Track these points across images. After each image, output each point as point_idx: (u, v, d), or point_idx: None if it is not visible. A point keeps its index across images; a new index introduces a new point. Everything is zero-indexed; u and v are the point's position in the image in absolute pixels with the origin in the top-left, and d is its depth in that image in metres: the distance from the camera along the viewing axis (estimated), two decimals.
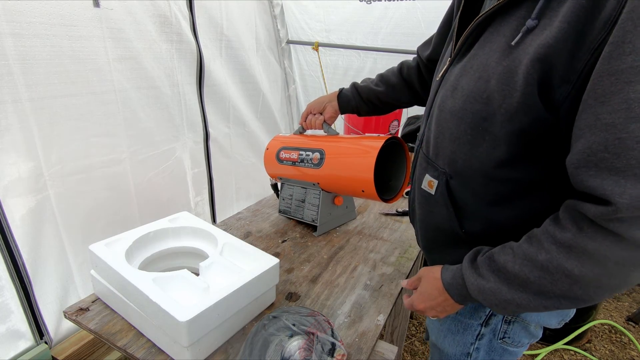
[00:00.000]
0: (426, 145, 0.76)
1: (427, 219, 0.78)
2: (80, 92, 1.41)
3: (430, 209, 0.75)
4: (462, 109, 0.62)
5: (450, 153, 0.67)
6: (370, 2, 2.49)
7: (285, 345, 0.67)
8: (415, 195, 0.82)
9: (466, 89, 0.62)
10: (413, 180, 0.84)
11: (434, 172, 0.72)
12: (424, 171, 0.75)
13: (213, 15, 1.99)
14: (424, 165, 0.76)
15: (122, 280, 0.75)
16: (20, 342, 1.36)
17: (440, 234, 0.75)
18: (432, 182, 0.72)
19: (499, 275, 0.57)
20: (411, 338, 1.98)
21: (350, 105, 1.17)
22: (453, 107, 0.65)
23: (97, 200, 1.53)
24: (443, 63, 0.76)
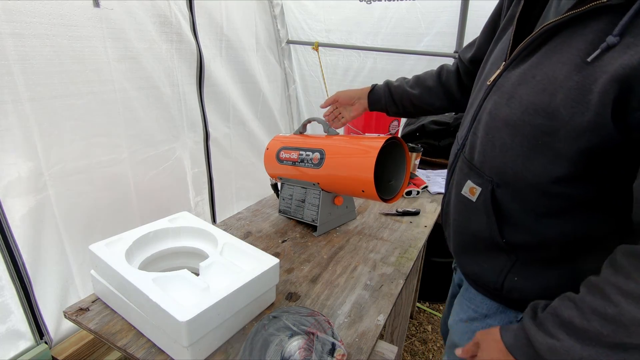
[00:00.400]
0: (470, 150, 0.74)
1: (464, 225, 0.77)
2: (80, 92, 1.41)
3: (468, 215, 0.74)
4: (520, 120, 0.60)
5: (501, 163, 0.65)
6: (370, 2, 2.49)
7: (285, 345, 0.67)
8: (452, 200, 0.80)
9: (525, 100, 0.59)
10: (449, 184, 0.83)
11: (477, 179, 0.70)
12: (466, 177, 0.73)
13: (213, 15, 1.99)
14: (466, 171, 0.74)
15: (122, 280, 0.75)
16: (20, 342, 1.36)
17: (476, 241, 0.74)
18: (475, 189, 0.70)
19: (569, 331, 0.53)
20: (411, 338, 1.98)
21: (380, 103, 1.15)
22: (508, 116, 0.62)
23: (97, 200, 1.53)
24: (493, 66, 0.73)
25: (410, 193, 1.57)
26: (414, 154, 1.70)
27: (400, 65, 2.59)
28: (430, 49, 2.44)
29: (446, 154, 1.96)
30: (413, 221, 1.36)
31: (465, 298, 0.85)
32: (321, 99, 2.92)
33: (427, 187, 1.65)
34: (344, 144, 1.16)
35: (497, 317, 0.77)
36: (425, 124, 2.04)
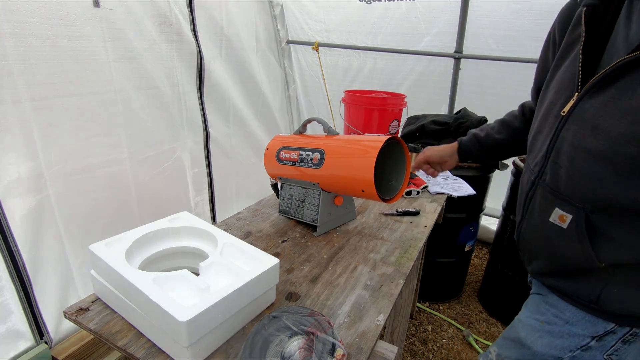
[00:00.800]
0: (552, 179, 0.75)
1: (553, 251, 0.79)
2: (80, 92, 1.42)
3: (558, 241, 0.76)
4: (611, 151, 0.62)
5: (593, 191, 0.67)
6: (370, 2, 2.49)
7: (285, 345, 0.67)
8: (533, 226, 0.82)
9: (615, 131, 0.61)
10: (526, 210, 0.84)
11: (567, 206, 0.72)
12: (551, 205, 0.75)
13: (213, 15, 1.99)
14: (550, 199, 0.75)
15: (122, 280, 0.75)
16: (20, 342, 1.36)
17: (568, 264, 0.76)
18: (565, 216, 0.72)
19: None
20: (411, 338, 1.98)
21: (471, 155, 1.18)
22: (596, 147, 0.64)
23: (97, 200, 1.53)
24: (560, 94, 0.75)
25: (410, 193, 1.57)
26: (414, 154, 1.70)
27: (400, 65, 2.59)
28: (430, 49, 2.44)
29: None
30: (413, 221, 1.36)
31: (546, 302, 0.85)
32: (321, 99, 2.93)
33: (427, 187, 1.65)
34: (344, 144, 1.16)
35: (582, 325, 0.77)
36: (425, 124, 2.04)
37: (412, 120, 2.18)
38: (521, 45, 2.16)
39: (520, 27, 2.13)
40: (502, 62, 2.26)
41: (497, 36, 2.23)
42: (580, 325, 0.77)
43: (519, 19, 2.12)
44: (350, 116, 2.17)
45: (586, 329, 0.76)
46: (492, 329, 2.06)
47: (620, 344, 0.74)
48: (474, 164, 1.93)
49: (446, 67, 2.45)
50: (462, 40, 2.33)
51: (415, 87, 2.58)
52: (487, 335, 2.00)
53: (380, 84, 2.68)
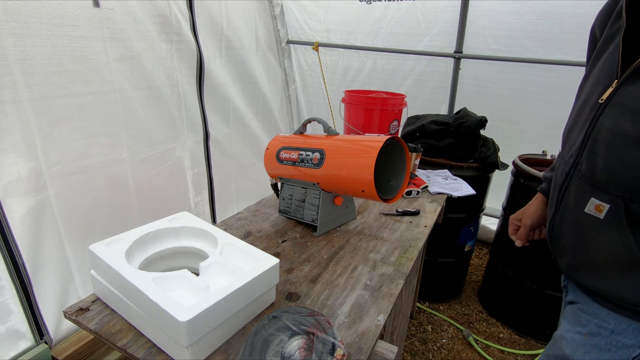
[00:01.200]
0: (589, 168, 0.74)
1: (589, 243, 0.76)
2: (80, 92, 1.42)
3: (595, 233, 0.73)
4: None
5: (633, 177, 0.66)
6: (370, 2, 2.49)
7: (285, 345, 0.67)
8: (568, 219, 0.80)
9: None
10: (560, 204, 0.82)
11: (604, 196, 0.70)
12: (588, 195, 0.73)
13: (213, 15, 1.99)
14: (587, 189, 0.74)
15: (122, 280, 0.75)
16: (20, 342, 1.36)
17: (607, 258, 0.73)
18: (602, 206, 0.70)
19: None
20: (411, 338, 1.98)
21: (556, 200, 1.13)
22: (637, 133, 0.64)
23: (97, 200, 1.53)
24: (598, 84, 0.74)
25: (410, 193, 1.57)
26: (414, 154, 1.70)
27: (400, 65, 2.59)
28: (430, 49, 2.44)
29: (446, 154, 1.98)
30: (413, 221, 1.36)
31: (585, 312, 0.81)
32: (321, 99, 2.94)
33: (427, 187, 1.65)
34: (344, 144, 1.16)
35: (629, 334, 0.73)
36: (425, 124, 2.04)
37: (412, 120, 2.18)
38: (521, 45, 2.16)
39: (520, 27, 2.13)
40: (502, 62, 2.26)
41: (497, 36, 2.23)
42: (628, 334, 0.73)
43: (519, 19, 2.12)
44: (350, 116, 2.17)
45: (635, 338, 0.72)
46: (492, 329, 2.06)
47: None
48: (475, 164, 1.93)
49: (446, 67, 2.45)
50: (462, 40, 2.33)
51: (415, 87, 2.58)
52: (487, 335, 2.00)
53: (380, 84, 2.68)
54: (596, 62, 0.78)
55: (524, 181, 1.84)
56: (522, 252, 1.92)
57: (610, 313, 0.76)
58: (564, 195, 0.80)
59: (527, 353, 1.88)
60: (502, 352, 1.89)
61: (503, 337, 2.00)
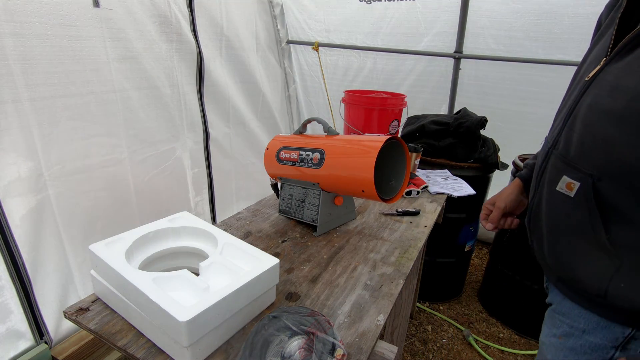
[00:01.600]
0: (565, 146, 0.73)
1: (561, 224, 0.74)
2: (80, 92, 1.42)
3: (567, 212, 0.71)
4: (626, 109, 0.60)
5: (604, 154, 0.64)
6: (370, 2, 2.49)
7: (285, 345, 0.67)
8: (544, 198, 0.78)
9: (632, 88, 0.59)
10: (539, 183, 0.80)
11: (575, 174, 0.68)
12: (561, 173, 0.72)
13: (213, 15, 1.99)
14: (560, 167, 0.72)
15: (122, 280, 0.75)
16: (20, 342, 1.36)
17: (576, 239, 0.71)
18: (573, 183, 0.68)
19: None
20: (411, 338, 1.98)
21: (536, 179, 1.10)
22: (612, 107, 0.62)
23: (97, 200, 1.53)
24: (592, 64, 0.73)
25: (410, 193, 1.57)
26: (414, 154, 1.70)
27: (400, 65, 2.59)
28: (430, 49, 2.44)
29: (446, 154, 1.98)
30: (413, 221, 1.36)
31: (558, 312, 0.80)
32: (321, 99, 2.93)
33: (427, 187, 1.65)
34: (344, 144, 1.16)
35: (599, 333, 0.71)
36: (425, 124, 2.04)
37: (412, 120, 2.18)
38: (521, 45, 2.16)
39: (520, 27, 2.13)
40: (502, 62, 2.26)
41: (497, 36, 2.23)
42: (597, 333, 0.71)
43: (519, 19, 2.12)
44: (350, 116, 2.17)
45: (605, 338, 0.70)
46: (492, 329, 2.06)
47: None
48: (475, 164, 1.93)
49: (446, 67, 2.45)
50: (462, 40, 2.33)
51: (415, 87, 2.58)
52: (487, 335, 2.00)
53: (380, 84, 2.68)
54: (595, 45, 0.77)
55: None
56: (522, 252, 1.92)
57: (581, 311, 0.74)
58: (542, 175, 0.79)
59: (527, 353, 1.88)
60: (502, 352, 1.89)
61: (503, 337, 2.00)
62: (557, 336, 0.79)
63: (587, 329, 0.73)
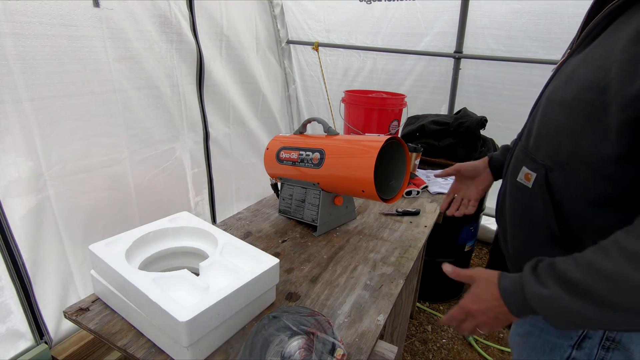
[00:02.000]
0: (526, 137, 0.73)
1: (521, 214, 0.74)
2: (80, 92, 1.41)
3: (525, 202, 0.71)
4: (574, 99, 0.60)
5: (555, 144, 0.64)
6: (370, 2, 2.49)
7: (285, 345, 0.67)
8: (508, 189, 0.78)
9: (582, 78, 0.59)
10: (505, 175, 0.80)
11: (532, 164, 0.69)
12: (521, 163, 0.72)
13: (213, 15, 1.99)
14: (521, 158, 0.73)
15: (122, 280, 0.75)
16: (20, 342, 1.36)
17: (533, 231, 0.70)
18: (530, 174, 0.68)
19: (560, 282, 0.53)
20: (411, 338, 1.98)
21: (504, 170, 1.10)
22: (564, 97, 0.62)
23: (97, 200, 1.53)
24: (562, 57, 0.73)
25: (410, 193, 1.57)
26: (414, 154, 1.70)
27: (400, 65, 2.59)
28: (430, 49, 2.44)
29: (446, 154, 1.98)
30: (413, 221, 1.36)
31: None
32: (321, 99, 2.93)
33: (427, 187, 1.65)
34: (344, 144, 1.16)
35: (555, 331, 0.70)
36: (425, 124, 2.04)
37: (412, 120, 2.18)
38: (521, 45, 2.16)
39: (520, 27, 2.13)
40: (502, 62, 2.26)
41: (497, 36, 2.23)
42: (554, 332, 0.71)
43: (519, 19, 2.12)
44: (350, 116, 2.17)
45: (561, 337, 0.70)
46: None
47: (602, 351, 0.66)
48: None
49: (446, 67, 2.45)
50: (462, 40, 2.33)
51: (415, 87, 2.58)
52: (487, 336, 2.00)
53: (380, 84, 2.68)
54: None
55: None
56: None
57: None
58: (507, 166, 0.79)
59: None
60: (502, 352, 1.89)
61: (503, 337, 2.00)
62: (521, 335, 0.79)
63: (545, 328, 0.72)
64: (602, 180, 0.58)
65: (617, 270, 0.48)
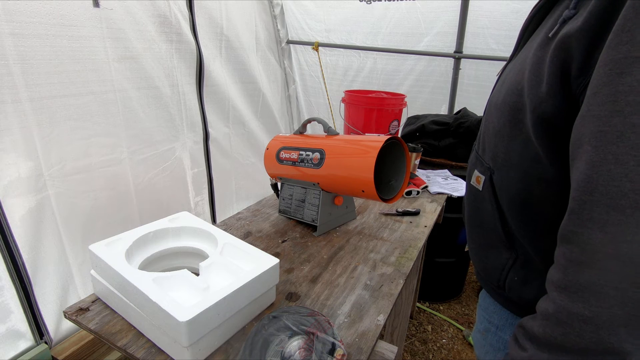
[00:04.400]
0: (478, 141, 0.76)
1: (474, 216, 0.75)
2: (80, 92, 1.41)
3: (477, 205, 0.73)
4: (503, 102, 0.62)
5: (494, 147, 0.66)
6: (370, 2, 2.49)
7: (285, 345, 0.67)
8: (466, 194, 0.80)
9: (508, 83, 0.62)
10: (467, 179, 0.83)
11: (480, 167, 0.71)
12: (473, 167, 0.74)
13: (213, 15, 1.99)
14: (474, 161, 0.75)
15: (122, 280, 0.75)
16: (20, 342, 1.36)
17: (485, 233, 0.72)
18: (480, 177, 0.71)
19: (532, 341, 0.50)
20: (411, 338, 1.98)
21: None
22: (497, 101, 0.65)
23: (97, 200, 1.53)
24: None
25: (410, 193, 1.57)
26: (414, 154, 1.70)
27: (400, 65, 2.59)
28: (430, 49, 2.44)
29: (446, 154, 1.98)
30: (413, 221, 1.36)
31: (482, 307, 0.81)
32: (321, 99, 2.94)
33: (427, 187, 1.65)
34: (344, 144, 1.16)
35: (508, 329, 0.71)
36: (425, 124, 2.04)
37: (412, 120, 2.18)
38: None
39: (520, 27, 2.13)
40: (502, 62, 2.25)
41: (497, 36, 2.23)
42: (508, 330, 0.71)
43: (519, 19, 2.11)
44: (350, 116, 2.17)
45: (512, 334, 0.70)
46: None
47: None
48: None
49: (446, 67, 2.45)
50: (462, 40, 2.33)
51: (415, 87, 2.58)
52: None
53: (380, 84, 2.68)
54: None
55: None
56: None
57: (495, 307, 0.74)
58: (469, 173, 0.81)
59: None
60: None
61: None
62: (480, 331, 0.80)
63: (500, 325, 0.74)
64: (532, 180, 0.59)
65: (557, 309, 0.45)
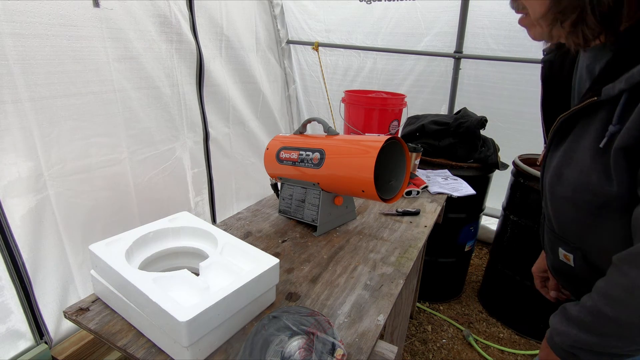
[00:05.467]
0: (549, 221, 0.78)
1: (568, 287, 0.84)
2: (80, 92, 1.41)
3: (571, 280, 0.79)
4: (574, 198, 0.66)
5: (578, 232, 0.70)
6: (370, 2, 2.49)
7: (285, 345, 0.67)
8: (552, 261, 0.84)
9: (572, 180, 0.66)
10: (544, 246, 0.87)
11: (566, 246, 0.74)
12: (556, 245, 0.77)
13: (213, 15, 1.99)
14: (554, 240, 0.78)
15: (122, 280, 0.75)
16: (20, 342, 1.36)
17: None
18: (568, 255, 0.74)
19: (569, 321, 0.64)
20: (411, 338, 1.98)
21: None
22: (564, 194, 0.68)
23: (97, 200, 1.53)
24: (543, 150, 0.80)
25: (410, 193, 1.57)
26: (414, 154, 1.70)
27: (400, 65, 2.59)
28: (430, 49, 2.44)
29: (446, 154, 1.98)
30: (413, 221, 1.36)
31: None
32: (321, 99, 2.94)
33: (427, 187, 1.65)
34: (344, 144, 1.16)
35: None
36: (425, 124, 2.04)
37: (412, 120, 2.18)
38: (521, 45, 2.16)
39: (520, 27, 2.13)
40: (502, 62, 2.26)
41: (497, 36, 2.23)
42: None
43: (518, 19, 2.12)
44: (350, 116, 2.17)
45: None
46: (492, 329, 2.06)
47: None
48: (475, 164, 1.93)
49: (446, 67, 2.45)
50: (462, 40, 2.33)
51: (415, 87, 2.58)
52: (487, 335, 2.00)
53: (380, 84, 2.68)
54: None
55: (524, 181, 1.84)
56: (522, 253, 1.92)
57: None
58: (544, 240, 0.86)
59: (527, 353, 1.88)
60: (502, 352, 1.89)
61: (503, 337, 2.00)
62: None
63: None
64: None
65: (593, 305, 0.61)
